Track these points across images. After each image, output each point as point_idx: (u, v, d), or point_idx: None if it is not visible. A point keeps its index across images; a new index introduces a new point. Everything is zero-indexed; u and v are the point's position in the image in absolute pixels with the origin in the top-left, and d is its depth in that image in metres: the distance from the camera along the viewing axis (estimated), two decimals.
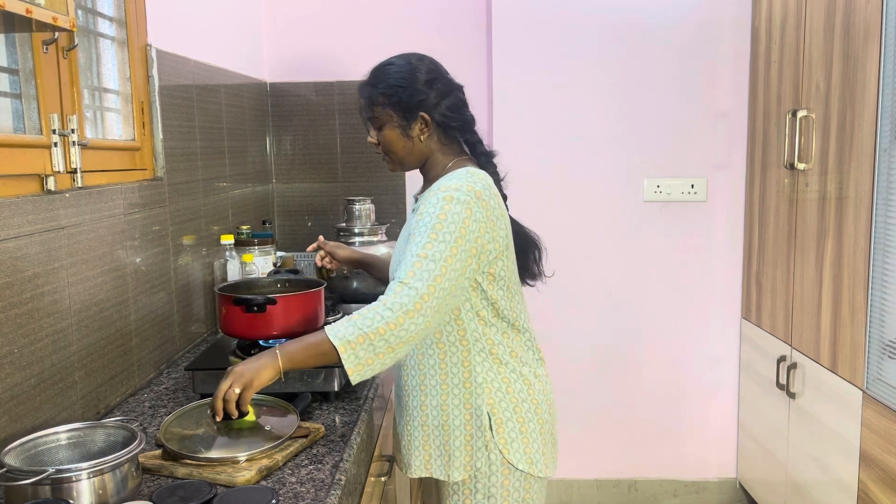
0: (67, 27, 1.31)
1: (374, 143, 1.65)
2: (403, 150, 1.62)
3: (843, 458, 2.19)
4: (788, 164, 2.55)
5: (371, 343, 1.37)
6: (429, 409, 1.62)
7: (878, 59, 1.99)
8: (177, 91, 2.14)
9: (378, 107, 1.60)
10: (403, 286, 1.41)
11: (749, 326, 2.98)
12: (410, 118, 1.59)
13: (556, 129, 3.03)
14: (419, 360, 1.61)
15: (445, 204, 1.47)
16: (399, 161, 1.64)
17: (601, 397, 3.16)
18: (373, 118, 1.62)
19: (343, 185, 3.20)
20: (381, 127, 1.61)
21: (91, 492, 1.14)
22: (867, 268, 2.06)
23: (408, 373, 1.64)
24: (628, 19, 2.96)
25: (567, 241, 3.05)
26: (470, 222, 1.46)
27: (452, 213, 1.46)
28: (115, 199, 1.75)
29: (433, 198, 1.50)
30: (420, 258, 1.43)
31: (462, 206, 1.47)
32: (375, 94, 1.60)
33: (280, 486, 1.31)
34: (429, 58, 1.65)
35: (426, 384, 1.61)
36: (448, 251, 1.43)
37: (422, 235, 1.46)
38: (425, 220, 1.47)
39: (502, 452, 1.59)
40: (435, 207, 1.47)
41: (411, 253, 1.45)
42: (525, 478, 1.62)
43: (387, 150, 1.63)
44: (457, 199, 1.47)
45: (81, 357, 1.58)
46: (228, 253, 2.37)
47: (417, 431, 1.64)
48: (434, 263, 1.42)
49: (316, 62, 3.14)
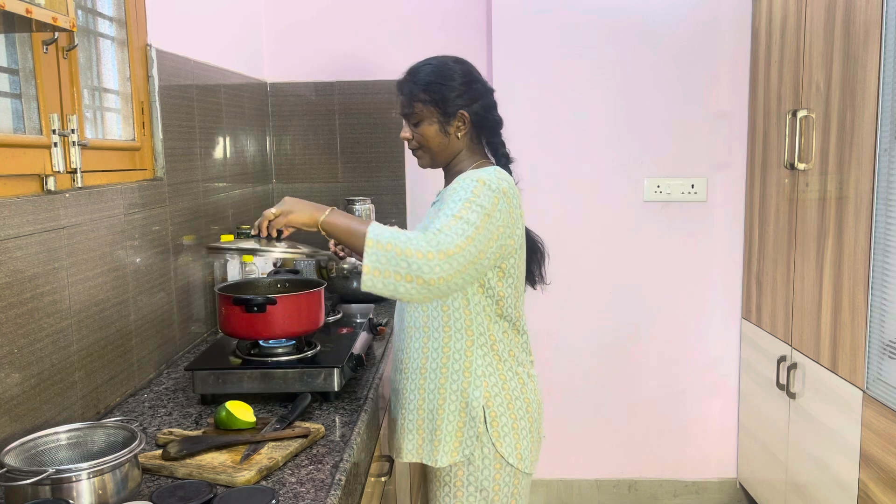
0: (67, 27, 1.31)
1: (408, 138, 1.69)
2: (439, 146, 1.68)
3: (843, 458, 2.19)
4: (788, 164, 2.55)
5: (394, 257, 1.39)
6: (425, 392, 1.67)
7: (878, 59, 1.99)
8: (177, 91, 2.14)
9: (419, 103, 1.66)
10: (440, 233, 1.44)
11: (749, 326, 2.98)
12: (450, 115, 1.66)
13: (557, 129, 3.03)
14: (423, 342, 1.67)
15: (478, 186, 1.53)
16: (432, 157, 1.70)
17: (601, 397, 3.16)
18: (412, 114, 1.67)
19: (343, 185, 3.20)
20: (419, 123, 1.67)
21: (91, 492, 1.14)
22: (867, 268, 2.06)
23: (409, 355, 1.70)
24: (628, 19, 2.96)
25: (567, 241, 3.05)
26: (495, 210, 1.52)
27: (483, 195, 1.51)
28: (115, 199, 1.75)
29: (465, 180, 1.56)
30: (455, 218, 1.47)
31: (492, 193, 1.53)
32: (417, 90, 1.66)
33: (280, 486, 1.31)
34: (465, 60, 1.73)
35: (426, 367, 1.66)
36: (479, 220, 1.47)
37: (455, 203, 1.51)
38: (459, 194, 1.53)
39: (495, 446, 1.64)
40: (468, 187, 1.53)
41: (445, 214, 1.49)
42: (514, 473, 1.68)
43: (422, 146, 1.69)
44: (488, 185, 1.54)
45: (81, 357, 1.58)
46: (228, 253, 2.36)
47: (412, 415, 1.70)
48: (467, 225, 1.46)
49: (316, 62, 3.14)
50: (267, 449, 1.43)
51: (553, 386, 3.07)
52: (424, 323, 1.67)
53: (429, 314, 1.66)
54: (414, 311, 1.69)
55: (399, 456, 1.74)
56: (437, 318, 1.65)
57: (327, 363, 1.73)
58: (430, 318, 1.66)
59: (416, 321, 1.69)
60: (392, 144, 3.17)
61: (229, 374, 1.71)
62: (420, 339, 1.68)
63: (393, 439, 1.78)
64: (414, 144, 1.70)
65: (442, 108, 1.65)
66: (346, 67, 3.13)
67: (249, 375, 1.71)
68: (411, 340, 1.70)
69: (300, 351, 1.80)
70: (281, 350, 1.79)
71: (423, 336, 1.67)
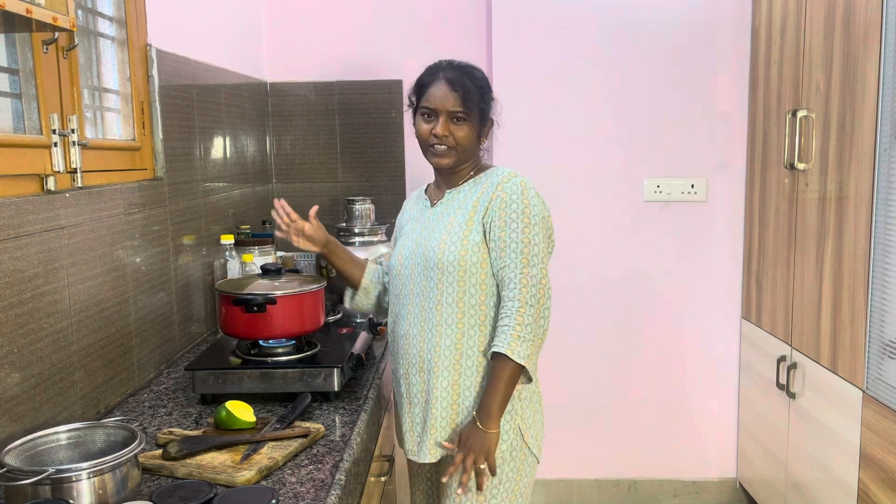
0: (67, 27, 1.31)
1: (445, 134, 1.68)
2: (471, 146, 1.72)
3: (843, 458, 2.19)
4: (788, 164, 2.55)
5: (536, 348, 1.63)
6: (460, 388, 1.69)
7: (878, 59, 1.99)
8: (177, 91, 2.14)
9: (473, 104, 1.69)
10: (526, 294, 1.60)
11: (749, 326, 2.98)
12: (485, 120, 1.74)
13: (556, 128, 3.03)
14: (457, 338, 1.68)
15: (525, 190, 1.65)
16: (458, 158, 1.72)
17: (601, 397, 3.16)
18: (462, 112, 1.68)
19: (343, 185, 3.20)
20: (463, 122, 1.68)
21: (91, 492, 1.14)
22: (867, 268, 2.06)
23: (440, 354, 1.69)
24: (628, 19, 2.96)
25: (567, 241, 3.04)
26: (545, 241, 1.67)
27: (534, 231, 1.64)
28: (115, 199, 1.75)
29: (508, 184, 1.65)
30: (524, 274, 1.62)
31: (539, 226, 1.65)
32: (476, 93, 1.69)
33: (280, 486, 1.31)
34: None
35: (461, 364, 1.68)
36: (541, 262, 1.64)
37: (515, 251, 1.63)
38: (512, 207, 1.63)
39: (523, 437, 1.69)
40: (518, 225, 1.63)
41: (514, 265, 1.62)
42: (534, 462, 1.73)
43: (455, 146, 1.70)
44: (529, 185, 1.67)
45: (81, 357, 1.58)
46: (228, 253, 2.36)
47: (444, 413, 1.69)
48: (536, 269, 1.62)
49: (316, 62, 3.14)
50: (267, 449, 1.43)
51: (553, 386, 3.06)
52: (459, 319, 1.67)
53: (464, 310, 1.67)
54: (445, 310, 1.67)
55: (423, 457, 1.72)
56: (474, 317, 1.67)
57: (327, 363, 1.73)
58: (466, 314, 1.67)
59: (446, 319, 1.68)
60: (392, 144, 3.17)
61: (229, 374, 1.71)
62: (453, 335, 1.67)
63: (421, 441, 1.73)
64: (450, 142, 1.68)
65: (482, 112, 1.71)
66: (346, 67, 3.13)
67: (249, 375, 1.71)
68: (441, 338, 1.68)
69: (300, 351, 1.80)
70: (281, 350, 1.79)
71: (456, 332, 1.67)
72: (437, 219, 1.73)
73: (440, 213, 1.74)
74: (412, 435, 1.75)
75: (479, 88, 1.70)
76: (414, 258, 1.72)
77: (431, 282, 1.67)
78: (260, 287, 1.79)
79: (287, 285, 1.81)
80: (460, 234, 1.66)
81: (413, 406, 1.74)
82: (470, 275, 1.65)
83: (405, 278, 1.74)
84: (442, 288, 1.66)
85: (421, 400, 1.73)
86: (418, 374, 1.72)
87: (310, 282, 1.87)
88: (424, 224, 1.76)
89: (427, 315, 1.70)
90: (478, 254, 1.65)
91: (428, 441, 1.70)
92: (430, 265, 1.67)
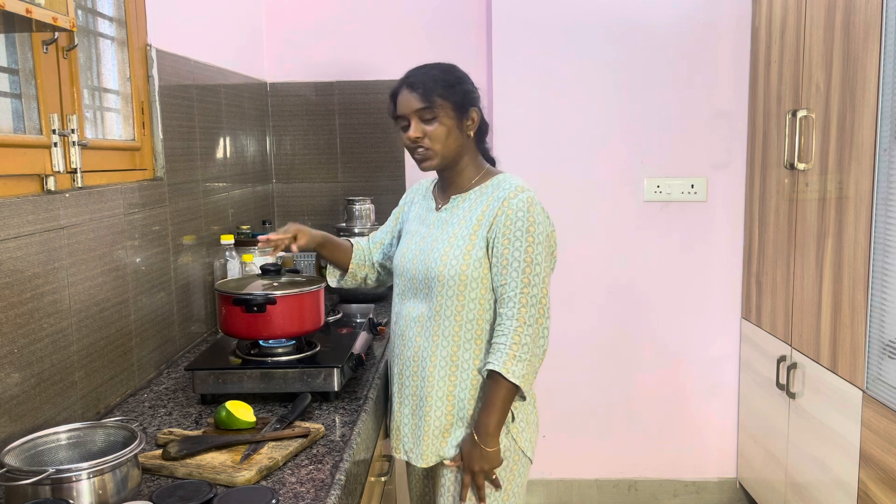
0: (67, 27, 1.31)
1: (418, 136, 1.65)
2: (452, 143, 1.67)
3: (843, 458, 2.19)
4: (788, 164, 2.55)
5: (536, 368, 1.64)
6: (455, 399, 1.69)
7: (878, 59, 1.99)
8: (177, 91, 2.14)
9: (438, 97, 1.63)
10: (525, 314, 1.60)
11: (749, 326, 2.98)
12: (463, 113, 1.67)
13: (557, 128, 3.03)
14: (453, 350, 1.68)
15: (531, 207, 1.62)
16: (441, 156, 1.67)
17: (601, 397, 3.16)
18: (429, 109, 1.64)
19: (343, 185, 3.20)
20: (433, 119, 1.65)
21: (91, 492, 1.14)
22: (867, 268, 2.06)
23: (436, 364, 1.69)
24: (628, 19, 2.96)
25: (567, 241, 3.04)
26: (548, 259, 1.66)
27: (537, 251, 1.62)
28: (115, 199, 1.75)
29: (515, 199, 1.62)
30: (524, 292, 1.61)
31: (543, 246, 1.64)
32: (436, 84, 1.64)
33: (280, 486, 1.31)
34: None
35: (455, 376, 1.68)
36: (542, 281, 1.62)
37: (518, 251, 1.61)
38: (517, 224, 1.61)
39: (516, 441, 1.69)
40: (521, 246, 1.61)
41: (515, 283, 1.61)
42: (527, 464, 1.73)
43: (432, 146, 1.66)
44: (535, 202, 1.64)
45: (81, 357, 1.58)
46: (228, 253, 2.36)
47: (438, 421, 1.70)
48: (537, 288, 1.61)
49: (316, 62, 3.14)
50: (267, 449, 1.43)
51: (553, 386, 3.07)
52: (455, 332, 1.67)
53: (461, 324, 1.67)
54: (443, 321, 1.68)
55: (418, 461, 1.73)
56: (471, 331, 1.67)
57: (327, 363, 1.73)
58: (463, 328, 1.67)
59: (444, 330, 1.68)
60: (392, 144, 3.17)
61: (229, 374, 1.71)
62: (449, 347, 1.68)
63: (415, 445, 1.74)
64: (426, 143, 1.65)
65: (458, 104, 1.65)
66: (346, 67, 3.13)
67: (249, 375, 1.71)
68: (437, 349, 1.69)
69: (300, 351, 1.80)
70: (281, 350, 1.79)
71: (452, 345, 1.67)
72: (441, 226, 1.72)
73: (445, 221, 1.72)
74: (398, 434, 1.77)
75: (442, 80, 1.65)
76: (416, 264, 1.71)
77: (432, 291, 1.68)
78: (260, 287, 1.79)
79: (287, 285, 1.80)
80: (463, 248, 1.65)
81: (403, 406, 1.76)
82: (470, 289, 1.65)
83: (407, 280, 1.74)
84: (441, 300, 1.66)
85: (411, 402, 1.74)
86: (411, 378, 1.73)
87: (310, 282, 1.86)
88: (428, 228, 1.75)
89: (425, 322, 1.70)
90: (479, 269, 1.64)
91: (422, 447, 1.71)
92: (431, 275, 1.67)
